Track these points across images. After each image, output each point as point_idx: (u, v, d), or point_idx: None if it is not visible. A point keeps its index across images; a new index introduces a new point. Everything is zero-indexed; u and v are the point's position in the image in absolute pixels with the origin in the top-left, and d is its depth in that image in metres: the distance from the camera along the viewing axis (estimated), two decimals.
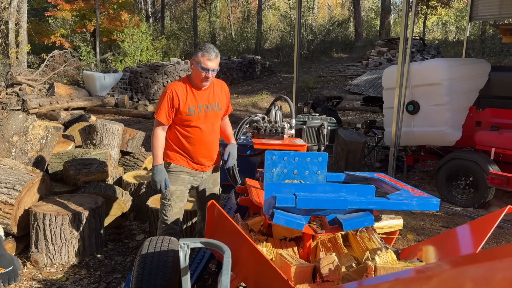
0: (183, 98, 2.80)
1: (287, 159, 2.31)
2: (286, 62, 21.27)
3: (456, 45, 18.26)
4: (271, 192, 2.02)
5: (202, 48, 2.76)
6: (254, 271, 1.95)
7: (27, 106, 11.03)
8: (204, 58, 2.73)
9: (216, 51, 2.78)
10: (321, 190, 2.07)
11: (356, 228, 2.07)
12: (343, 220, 2.03)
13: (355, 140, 5.95)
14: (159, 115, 2.82)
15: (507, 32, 7.27)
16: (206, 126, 2.92)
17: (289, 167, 2.32)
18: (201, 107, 2.86)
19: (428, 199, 2.02)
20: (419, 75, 5.21)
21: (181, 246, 1.69)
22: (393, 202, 2.00)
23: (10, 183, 3.40)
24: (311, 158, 2.34)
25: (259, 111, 11.32)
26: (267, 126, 3.46)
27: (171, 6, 31.90)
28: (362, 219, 2.03)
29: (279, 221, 1.95)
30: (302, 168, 2.32)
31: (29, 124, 4.10)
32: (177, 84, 2.86)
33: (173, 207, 2.98)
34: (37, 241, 3.37)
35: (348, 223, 2.01)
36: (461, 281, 0.60)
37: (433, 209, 2.02)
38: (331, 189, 2.09)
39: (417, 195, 2.08)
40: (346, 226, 2.01)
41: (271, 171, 2.31)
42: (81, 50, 16.68)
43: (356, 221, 2.03)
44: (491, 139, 4.87)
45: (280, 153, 2.31)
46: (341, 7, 33.84)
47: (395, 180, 2.43)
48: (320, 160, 2.33)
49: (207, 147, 2.98)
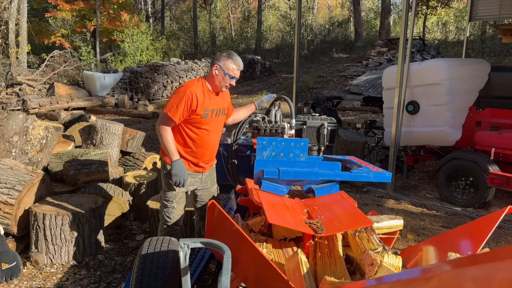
0: (201, 101, 2.78)
1: (275, 144, 2.75)
2: (286, 62, 21.28)
3: (456, 45, 18.26)
4: (260, 167, 2.61)
5: (231, 56, 2.80)
6: (254, 271, 1.95)
7: (27, 106, 11.03)
8: (234, 67, 2.78)
9: (241, 62, 2.87)
10: (299, 165, 2.67)
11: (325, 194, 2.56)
12: (315, 188, 2.61)
13: (355, 140, 5.95)
14: (174, 113, 2.75)
15: (507, 32, 7.27)
16: (213, 129, 2.94)
17: (277, 150, 2.76)
18: (213, 111, 2.89)
19: (382, 173, 2.55)
20: (419, 75, 5.21)
21: (181, 246, 1.69)
22: (354, 174, 2.54)
23: (10, 183, 3.40)
24: (294, 143, 2.78)
25: (259, 111, 11.31)
26: (267, 126, 3.46)
27: (171, 6, 31.91)
28: (330, 187, 2.61)
29: (266, 188, 2.52)
30: (287, 152, 2.77)
31: (29, 124, 4.10)
32: (196, 86, 2.82)
33: (177, 209, 2.98)
34: (37, 241, 3.37)
35: (319, 190, 2.60)
36: (462, 282, 0.60)
37: (386, 180, 2.53)
38: (307, 165, 2.68)
39: (375, 170, 2.60)
40: (318, 193, 2.57)
41: (261, 154, 2.74)
42: (81, 50, 16.69)
43: (325, 189, 2.60)
44: (491, 139, 4.87)
45: (269, 139, 2.76)
46: (341, 7, 33.84)
47: (362, 161, 2.91)
48: (302, 145, 2.78)
49: (211, 150, 3.01)
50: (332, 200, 2.54)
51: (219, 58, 2.81)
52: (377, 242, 2.13)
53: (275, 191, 2.54)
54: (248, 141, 3.57)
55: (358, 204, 2.53)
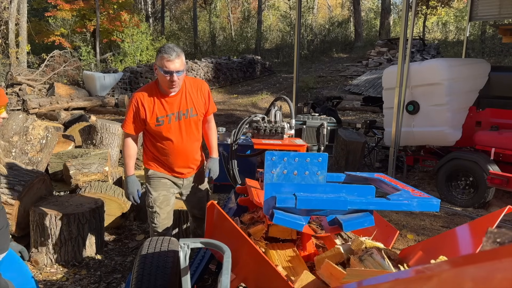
0: (149, 108, 2.59)
1: (287, 160, 2.28)
2: (286, 62, 21.28)
3: (456, 45, 18.26)
4: (271, 193, 2.00)
5: (161, 50, 2.49)
6: (254, 271, 1.95)
7: (27, 106, 11.03)
8: (163, 60, 2.45)
9: (176, 50, 2.48)
10: (321, 190, 2.06)
11: (356, 228, 2.06)
12: (343, 220, 2.02)
13: (355, 140, 5.95)
14: (124, 125, 2.66)
15: (507, 32, 7.27)
16: (180, 136, 2.70)
17: (289, 167, 2.29)
18: (171, 116, 2.63)
19: (428, 200, 2.01)
20: (419, 75, 5.21)
21: (181, 246, 1.69)
22: (393, 202, 1.99)
23: (10, 183, 3.40)
24: (311, 158, 2.31)
25: (259, 111, 11.32)
26: (267, 126, 3.45)
27: (171, 6, 31.92)
28: (362, 219, 2.02)
29: (279, 221, 1.94)
30: (302, 169, 2.29)
31: (29, 124, 4.10)
32: (143, 92, 2.62)
33: (160, 214, 2.85)
34: (37, 241, 3.37)
35: (348, 223, 2.01)
36: (461, 281, 0.60)
37: (433, 209, 2.02)
38: (331, 190, 2.07)
39: (417, 195, 2.07)
40: (346, 227, 2.00)
41: (271, 172, 2.28)
42: (81, 50, 16.69)
43: (356, 221, 2.02)
44: (491, 139, 4.87)
45: (280, 153, 2.28)
46: (341, 7, 33.84)
47: (395, 181, 2.42)
48: (320, 160, 2.31)
49: (184, 158, 2.79)
50: None
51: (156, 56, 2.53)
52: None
53: (292, 225, 2.00)
54: (248, 141, 3.57)
55: None
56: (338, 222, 2.05)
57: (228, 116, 10.36)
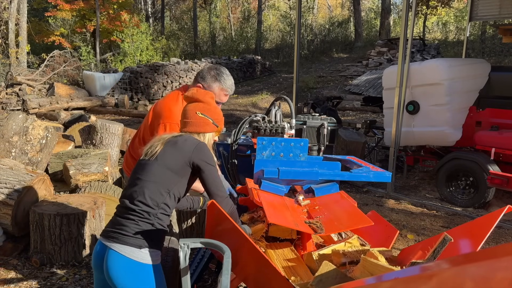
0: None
1: (275, 144, 2.72)
2: (286, 62, 21.29)
3: (456, 45, 18.27)
4: (260, 167, 2.57)
5: (219, 78, 2.41)
6: (254, 271, 1.95)
7: (27, 106, 11.03)
8: (222, 92, 2.48)
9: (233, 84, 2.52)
10: (299, 165, 2.64)
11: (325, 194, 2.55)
12: (315, 188, 2.59)
13: (355, 140, 5.95)
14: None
15: (507, 32, 7.27)
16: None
17: (277, 150, 2.73)
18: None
19: (382, 173, 2.51)
20: (419, 75, 5.21)
21: (181, 246, 1.69)
22: (354, 174, 2.51)
23: (10, 184, 3.40)
24: (294, 143, 2.76)
25: (259, 111, 11.32)
26: (267, 126, 3.45)
27: (171, 6, 31.92)
28: (330, 187, 2.60)
29: (265, 188, 2.47)
30: (287, 152, 2.73)
31: (29, 124, 4.10)
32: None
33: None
34: (37, 241, 3.37)
35: (319, 190, 2.59)
36: (461, 280, 0.60)
37: (386, 180, 2.50)
38: (307, 165, 2.64)
39: (375, 170, 2.57)
40: (317, 192, 2.56)
41: (261, 154, 2.71)
42: (81, 50, 16.69)
43: (325, 189, 2.59)
44: (491, 139, 4.87)
45: (269, 138, 2.75)
46: (341, 7, 33.85)
47: (361, 161, 2.89)
48: (302, 145, 2.75)
49: None
50: (332, 199, 2.54)
51: (204, 77, 2.44)
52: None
53: (275, 191, 2.56)
54: (248, 141, 3.56)
55: (358, 204, 2.53)
56: (312, 190, 2.62)
57: (228, 116, 10.35)
